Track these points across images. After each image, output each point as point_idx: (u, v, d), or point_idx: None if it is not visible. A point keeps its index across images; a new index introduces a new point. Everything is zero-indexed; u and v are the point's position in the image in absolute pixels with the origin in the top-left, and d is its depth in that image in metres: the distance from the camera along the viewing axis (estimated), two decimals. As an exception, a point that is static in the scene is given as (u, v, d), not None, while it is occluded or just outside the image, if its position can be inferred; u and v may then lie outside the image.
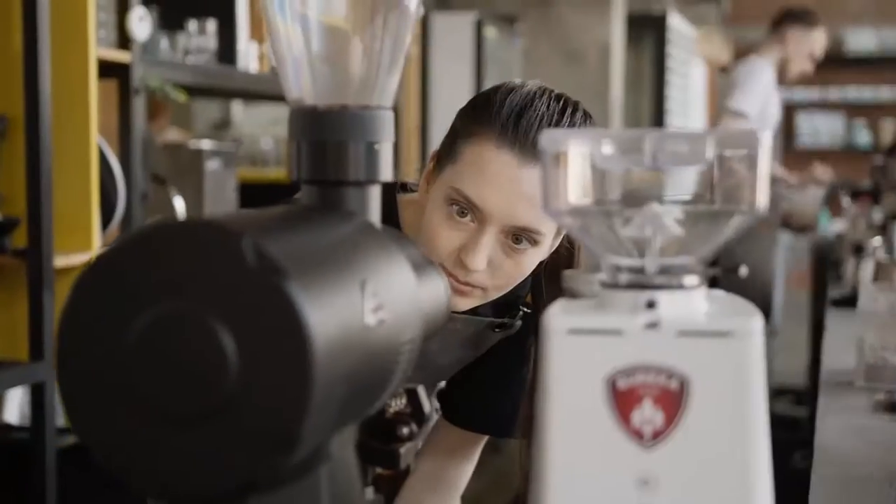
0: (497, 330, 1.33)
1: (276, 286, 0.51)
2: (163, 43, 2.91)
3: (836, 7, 8.24)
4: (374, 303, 0.58)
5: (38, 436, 2.30)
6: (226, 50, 3.18)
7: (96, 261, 0.53)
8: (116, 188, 2.56)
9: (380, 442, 0.73)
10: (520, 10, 5.65)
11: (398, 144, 4.19)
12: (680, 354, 0.59)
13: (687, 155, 0.62)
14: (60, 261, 2.31)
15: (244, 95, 4.24)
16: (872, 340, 1.77)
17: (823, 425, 1.55)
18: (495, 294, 1.20)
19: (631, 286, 0.62)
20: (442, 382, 1.40)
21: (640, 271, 0.62)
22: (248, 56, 3.28)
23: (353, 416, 0.61)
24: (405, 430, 0.72)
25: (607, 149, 0.62)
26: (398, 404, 0.73)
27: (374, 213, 0.66)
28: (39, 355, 2.27)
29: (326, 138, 0.63)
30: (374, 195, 0.66)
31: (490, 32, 5.10)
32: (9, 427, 2.66)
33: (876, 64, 8.60)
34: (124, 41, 2.65)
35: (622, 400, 0.60)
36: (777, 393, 4.75)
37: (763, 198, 0.62)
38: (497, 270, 1.17)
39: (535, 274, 1.26)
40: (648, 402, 0.59)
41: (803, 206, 4.78)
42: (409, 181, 1.35)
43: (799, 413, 4.38)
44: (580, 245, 1.27)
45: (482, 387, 1.39)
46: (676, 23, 6.99)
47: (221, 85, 3.27)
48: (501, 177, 1.14)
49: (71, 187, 2.39)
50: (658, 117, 6.80)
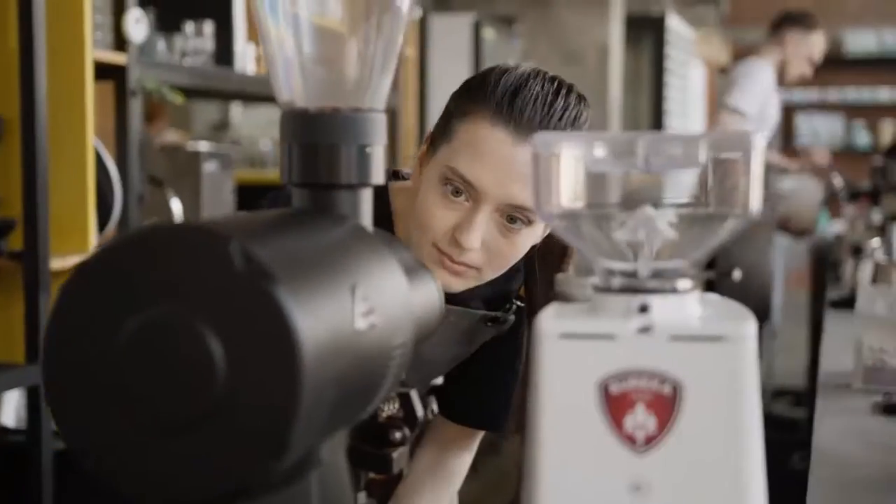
0: (490, 324, 1.32)
1: (265, 290, 0.50)
2: (159, 45, 2.91)
3: (836, 8, 8.25)
4: (365, 307, 0.57)
5: (35, 438, 2.29)
6: (223, 51, 3.17)
7: (84, 265, 0.53)
8: (113, 190, 2.55)
9: (372, 446, 0.73)
10: (518, 11, 5.65)
11: (396, 146, 4.18)
12: (673, 359, 0.59)
13: (680, 158, 0.62)
14: (57, 263, 2.30)
15: (241, 97, 4.24)
16: (871, 342, 1.76)
17: (821, 427, 1.54)
18: (490, 275, 1.20)
19: (624, 290, 0.61)
20: (438, 379, 1.40)
21: (633, 275, 0.62)
22: (246, 58, 3.28)
23: (344, 421, 0.60)
24: (398, 435, 0.72)
25: (600, 152, 0.62)
26: (391, 408, 0.73)
27: (367, 217, 0.66)
28: (35, 358, 2.26)
29: (318, 141, 0.63)
30: (367, 198, 0.66)
31: (488, 33, 5.09)
32: (5, 430, 2.66)
33: (875, 65, 8.61)
34: (121, 43, 2.64)
35: (615, 405, 0.59)
36: (776, 394, 4.75)
37: (757, 201, 0.61)
38: (492, 250, 1.17)
39: (528, 261, 1.25)
40: (641, 407, 0.59)
41: (802, 210, 4.77)
42: (403, 171, 1.35)
43: (798, 414, 4.38)
44: None
45: (477, 382, 1.39)
46: (675, 24, 6.99)
47: (218, 87, 3.27)
48: (496, 155, 1.14)
49: (67, 189, 2.39)
50: (657, 118, 6.80)
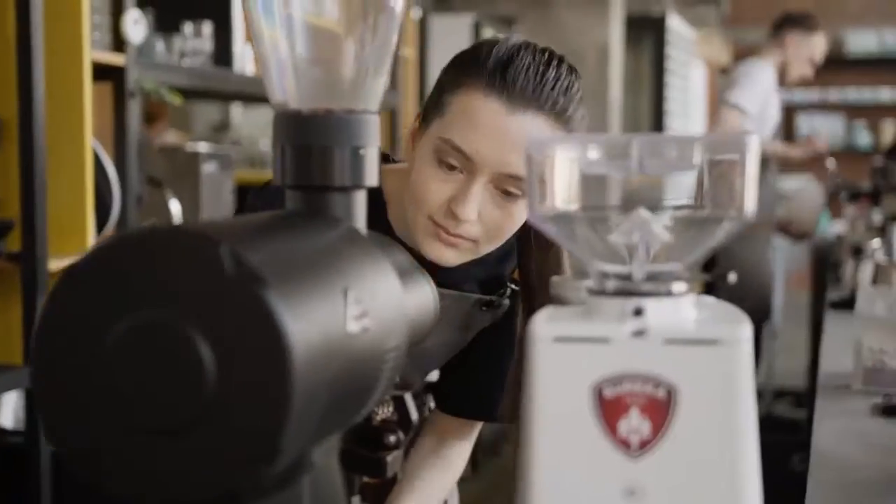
0: (485, 308, 1.32)
1: (255, 294, 0.50)
2: (158, 45, 2.91)
3: (837, 8, 8.25)
4: (358, 310, 0.57)
5: (33, 440, 2.29)
6: (221, 52, 3.17)
7: (73, 267, 0.52)
8: (111, 191, 2.55)
9: (367, 450, 0.72)
10: (518, 12, 5.65)
11: (396, 146, 4.18)
12: (667, 363, 0.58)
13: (674, 160, 0.61)
14: (55, 264, 2.30)
15: (240, 98, 4.24)
16: (871, 343, 1.76)
17: (821, 429, 1.54)
18: (486, 248, 1.20)
19: (618, 293, 0.61)
20: (434, 374, 1.40)
21: (628, 278, 0.61)
22: (244, 58, 3.27)
23: (337, 425, 0.60)
24: (392, 438, 0.72)
25: (594, 153, 0.62)
26: (385, 412, 0.73)
27: (360, 219, 0.65)
28: (34, 359, 2.26)
29: (311, 143, 0.62)
30: (360, 200, 0.65)
31: (488, 34, 5.09)
32: (3, 431, 2.66)
33: (876, 65, 8.61)
34: (119, 44, 2.64)
35: (609, 409, 0.59)
36: (777, 395, 4.75)
37: (752, 202, 0.61)
38: (487, 222, 1.17)
39: (522, 240, 1.25)
40: (635, 411, 0.59)
41: (803, 213, 4.77)
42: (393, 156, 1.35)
43: (798, 415, 4.38)
44: None
45: (474, 373, 1.39)
46: (676, 24, 6.98)
47: (217, 87, 3.26)
48: (490, 125, 1.14)
49: (65, 190, 2.39)
50: (657, 119, 6.79)
